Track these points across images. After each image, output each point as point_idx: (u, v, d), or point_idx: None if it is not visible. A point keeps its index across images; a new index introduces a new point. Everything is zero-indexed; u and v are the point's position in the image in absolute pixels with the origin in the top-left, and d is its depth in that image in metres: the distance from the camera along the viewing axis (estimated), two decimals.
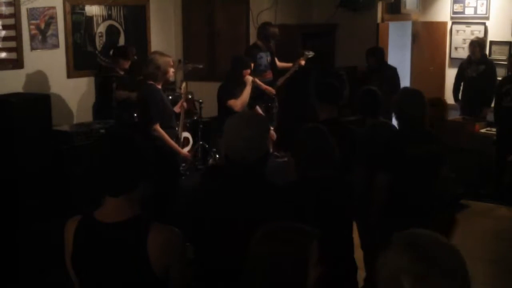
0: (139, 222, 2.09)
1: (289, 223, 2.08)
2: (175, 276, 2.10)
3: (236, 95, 5.98)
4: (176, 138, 5.45)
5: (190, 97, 7.26)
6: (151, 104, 5.06)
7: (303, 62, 7.14)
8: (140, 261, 2.04)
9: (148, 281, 2.06)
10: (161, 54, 5.30)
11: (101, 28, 7.19)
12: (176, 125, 5.52)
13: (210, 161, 6.85)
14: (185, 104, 5.95)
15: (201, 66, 7.13)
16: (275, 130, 7.08)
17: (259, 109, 6.67)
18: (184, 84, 6.15)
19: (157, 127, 5.07)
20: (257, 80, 6.89)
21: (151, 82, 5.15)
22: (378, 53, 7.76)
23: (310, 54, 7.19)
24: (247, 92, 6.03)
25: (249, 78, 6.06)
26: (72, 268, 2.17)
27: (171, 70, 5.24)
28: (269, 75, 7.12)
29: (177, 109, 5.70)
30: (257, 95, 6.88)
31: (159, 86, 5.20)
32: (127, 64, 6.68)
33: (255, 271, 1.99)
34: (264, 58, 7.06)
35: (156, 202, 4.96)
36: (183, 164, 6.37)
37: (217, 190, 2.64)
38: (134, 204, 2.12)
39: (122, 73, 6.62)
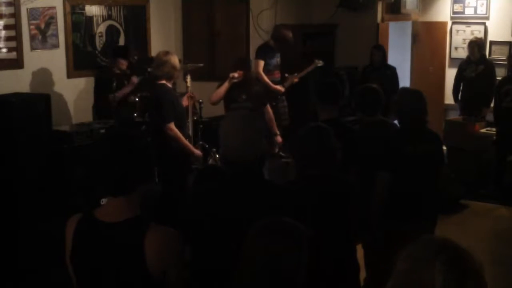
0: (138, 223, 2.09)
1: (283, 219, 2.09)
2: (171, 277, 2.10)
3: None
4: (188, 137, 5.45)
5: (191, 94, 7.25)
6: (166, 103, 5.07)
7: (310, 69, 7.22)
8: (136, 261, 2.04)
9: (143, 281, 2.06)
10: (171, 53, 5.32)
11: (101, 28, 7.19)
12: (187, 123, 5.54)
13: (210, 161, 6.84)
14: (192, 95, 5.99)
15: (201, 65, 7.14)
16: (284, 129, 7.07)
17: (269, 108, 6.65)
18: (188, 78, 6.16)
19: (172, 126, 5.08)
20: (266, 79, 6.92)
21: (163, 82, 5.16)
22: (382, 49, 7.93)
23: (320, 63, 7.24)
24: (223, 87, 6.07)
25: (231, 75, 6.07)
26: (70, 265, 2.18)
27: None
28: (277, 75, 7.17)
29: (185, 102, 5.71)
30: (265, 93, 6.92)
31: (170, 85, 5.25)
32: (125, 64, 6.67)
33: (250, 267, 2.00)
34: (274, 58, 7.10)
35: (164, 202, 4.97)
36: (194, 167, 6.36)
37: (216, 190, 2.63)
38: (134, 205, 2.12)
39: (118, 72, 6.61)
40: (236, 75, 6.06)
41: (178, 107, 5.24)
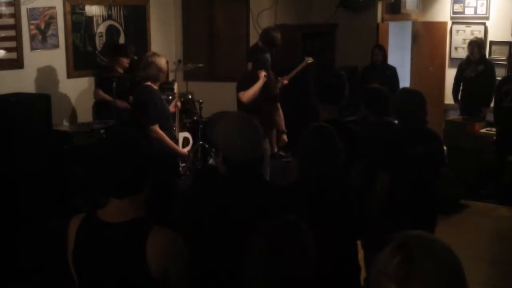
0: (141, 224, 2.09)
1: (288, 219, 2.10)
2: (173, 280, 2.10)
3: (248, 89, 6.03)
4: (174, 139, 5.45)
5: (190, 97, 7.26)
6: (150, 105, 5.06)
7: (301, 67, 7.24)
8: (138, 262, 2.04)
9: (144, 282, 2.06)
10: (158, 55, 5.32)
11: (101, 28, 7.18)
12: (173, 126, 5.53)
13: (210, 161, 6.85)
14: (179, 103, 6.01)
15: (201, 65, 7.14)
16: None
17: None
18: (176, 84, 6.17)
19: (156, 128, 5.07)
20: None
21: (149, 84, 5.16)
22: (383, 49, 7.98)
23: (310, 60, 7.25)
24: (257, 86, 6.03)
25: (262, 74, 6.05)
26: (72, 265, 2.18)
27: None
28: None
29: (172, 108, 5.72)
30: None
31: (156, 87, 5.23)
32: (127, 62, 6.67)
33: (255, 267, 2.00)
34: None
35: (154, 203, 4.95)
36: (183, 165, 6.37)
37: (216, 189, 2.63)
38: (137, 206, 2.12)
39: (121, 71, 6.62)
40: (265, 74, 6.12)
41: (163, 109, 5.22)
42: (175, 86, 6.14)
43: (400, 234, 1.53)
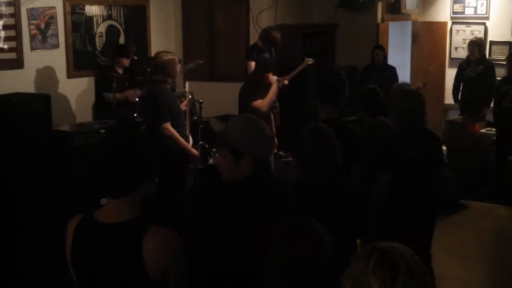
0: (137, 224, 2.09)
1: (307, 222, 2.11)
2: (172, 279, 2.10)
3: (259, 96, 6.01)
4: (185, 137, 5.44)
5: (190, 97, 7.26)
6: (161, 103, 5.04)
7: (301, 67, 7.25)
8: (136, 262, 2.04)
9: (143, 282, 2.06)
10: (171, 55, 5.23)
11: (101, 28, 7.18)
12: (185, 124, 5.52)
13: (210, 161, 6.84)
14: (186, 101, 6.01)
15: (201, 62, 7.14)
16: (277, 130, 7.11)
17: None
18: (187, 83, 6.17)
19: (168, 126, 5.05)
20: None
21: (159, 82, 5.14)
22: (384, 49, 7.98)
23: (310, 60, 7.26)
24: (273, 91, 6.02)
25: (274, 78, 6.06)
26: (71, 266, 2.18)
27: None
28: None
29: (183, 106, 5.71)
30: None
31: (168, 85, 5.22)
32: (127, 62, 6.67)
33: (275, 269, 2.01)
34: None
35: (160, 201, 4.96)
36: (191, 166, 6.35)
37: (217, 190, 2.63)
38: (134, 206, 2.12)
39: (121, 71, 6.62)
40: (277, 77, 6.17)
41: (174, 107, 5.21)
42: (187, 85, 6.13)
43: (366, 246, 1.62)
